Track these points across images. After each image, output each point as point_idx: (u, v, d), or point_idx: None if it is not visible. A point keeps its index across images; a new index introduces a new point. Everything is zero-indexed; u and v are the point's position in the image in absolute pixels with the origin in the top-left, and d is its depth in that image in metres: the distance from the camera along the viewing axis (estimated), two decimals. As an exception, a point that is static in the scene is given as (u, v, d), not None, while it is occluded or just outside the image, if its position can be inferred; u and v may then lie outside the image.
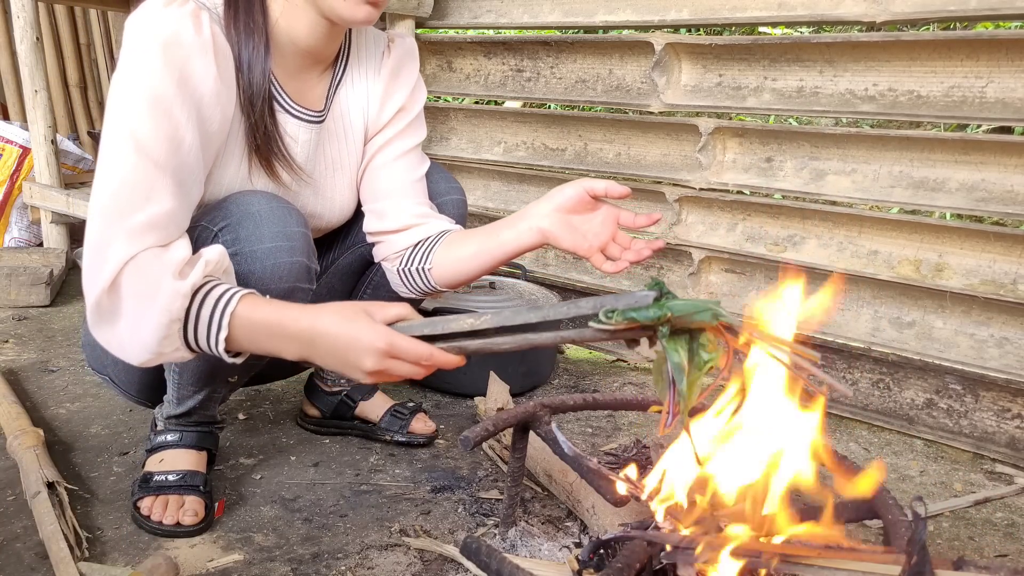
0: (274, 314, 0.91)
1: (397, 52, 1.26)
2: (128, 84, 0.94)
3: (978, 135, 1.67)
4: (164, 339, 0.91)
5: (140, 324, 0.91)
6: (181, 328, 0.91)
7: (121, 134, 0.92)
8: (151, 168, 0.92)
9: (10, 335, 1.96)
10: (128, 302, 0.91)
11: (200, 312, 0.91)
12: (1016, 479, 1.48)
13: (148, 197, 0.92)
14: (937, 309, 1.67)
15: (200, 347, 0.93)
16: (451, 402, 1.70)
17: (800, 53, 1.73)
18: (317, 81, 1.19)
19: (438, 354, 0.88)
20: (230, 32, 1.04)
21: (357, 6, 1.02)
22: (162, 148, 0.93)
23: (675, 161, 1.99)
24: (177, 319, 0.90)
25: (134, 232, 0.90)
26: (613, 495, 0.98)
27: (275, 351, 0.93)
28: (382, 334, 0.87)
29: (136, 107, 0.93)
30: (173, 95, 0.95)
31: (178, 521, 1.12)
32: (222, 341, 0.91)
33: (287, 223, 1.08)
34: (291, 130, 1.16)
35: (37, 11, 2.32)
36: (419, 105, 1.29)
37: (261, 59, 1.06)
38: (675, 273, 2.04)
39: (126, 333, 0.93)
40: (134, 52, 0.95)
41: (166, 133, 0.94)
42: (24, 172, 2.62)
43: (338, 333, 0.89)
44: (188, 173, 0.98)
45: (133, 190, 0.92)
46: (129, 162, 0.92)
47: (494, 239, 1.15)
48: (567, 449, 1.03)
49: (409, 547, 1.13)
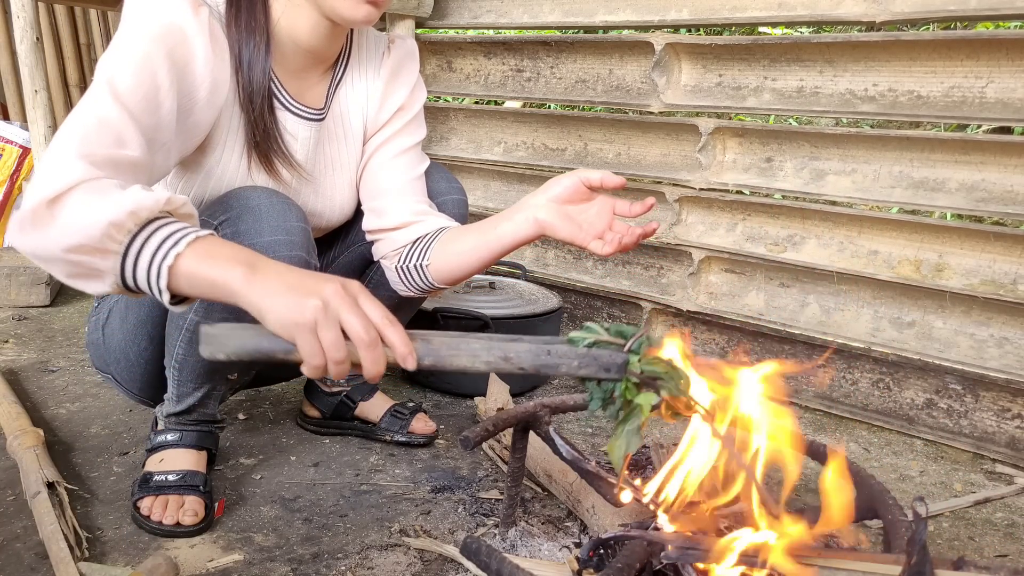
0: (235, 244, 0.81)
1: (397, 53, 1.26)
2: (119, 44, 0.95)
3: (978, 135, 1.67)
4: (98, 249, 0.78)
5: (76, 229, 0.78)
6: (123, 248, 0.78)
7: (103, 82, 0.91)
8: (126, 116, 0.90)
9: (10, 335, 1.96)
10: (68, 215, 0.79)
11: (155, 233, 0.79)
12: (1016, 479, 1.48)
13: (119, 140, 0.88)
14: (937, 309, 1.67)
15: (138, 271, 0.79)
16: (451, 402, 1.70)
17: (800, 53, 1.73)
18: (318, 80, 1.19)
19: (397, 325, 0.76)
20: (231, 30, 1.05)
21: (357, 5, 1.02)
22: (139, 103, 0.92)
23: (675, 161, 1.99)
24: (121, 230, 0.78)
25: (95, 161, 0.84)
26: (613, 496, 0.98)
27: (212, 274, 0.77)
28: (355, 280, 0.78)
29: (123, 62, 0.93)
30: (160, 62, 0.94)
31: (178, 521, 1.12)
32: (171, 257, 0.77)
33: (287, 218, 1.09)
34: (291, 127, 1.16)
35: (37, 11, 2.32)
36: (419, 104, 1.30)
37: (262, 57, 1.06)
38: (675, 273, 2.04)
39: (59, 237, 0.79)
40: (131, 19, 0.96)
41: (145, 91, 0.93)
42: (24, 172, 2.62)
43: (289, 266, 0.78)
44: (160, 137, 0.95)
45: (105, 129, 0.88)
46: (106, 105, 0.89)
47: (491, 232, 1.14)
48: (565, 452, 1.03)
49: (409, 547, 1.13)
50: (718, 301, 1.96)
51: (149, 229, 0.79)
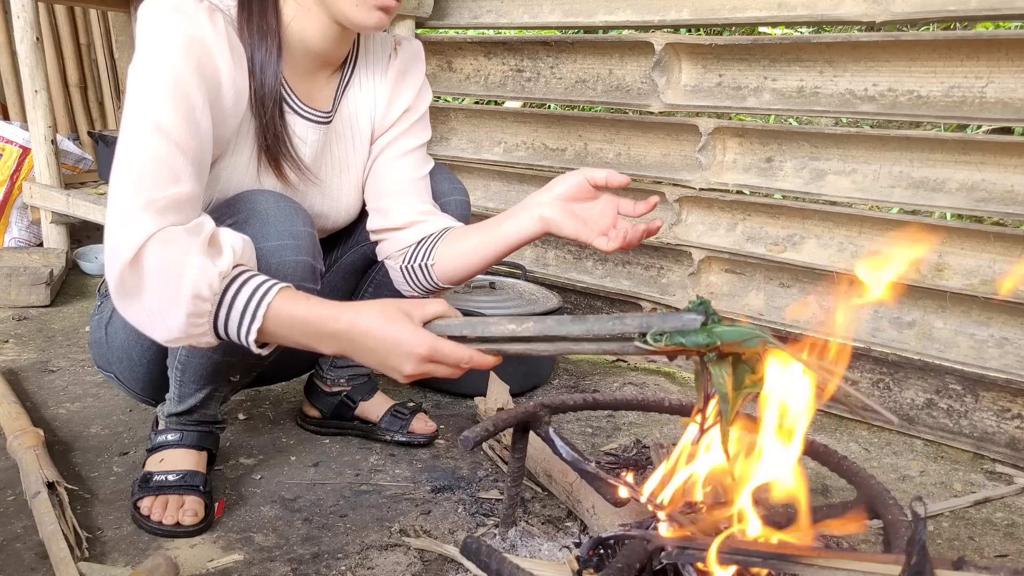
0: (311, 311, 0.90)
1: (404, 55, 1.27)
2: (148, 69, 0.95)
3: (978, 135, 1.67)
4: (192, 317, 0.88)
5: (166, 299, 0.88)
6: (212, 312, 0.89)
7: (144, 117, 0.93)
8: (174, 150, 0.93)
9: (10, 335, 1.96)
10: (152, 276, 0.89)
11: (235, 300, 0.89)
12: (1016, 479, 1.48)
13: (174, 178, 0.92)
14: (937, 309, 1.67)
15: (229, 335, 0.91)
16: (451, 402, 1.70)
17: (800, 53, 1.73)
18: (326, 83, 1.20)
19: (477, 356, 0.88)
20: (243, 34, 1.05)
21: (369, 12, 1.03)
22: (182, 130, 0.94)
23: (675, 161, 1.99)
24: (206, 299, 0.88)
25: (159, 209, 0.89)
26: (613, 496, 0.98)
27: (309, 347, 0.92)
28: (424, 339, 0.87)
29: (157, 91, 0.93)
30: (190, 79, 0.95)
31: (178, 521, 1.12)
32: (254, 332, 0.89)
33: (293, 222, 1.09)
34: (299, 131, 1.16)
35: (37, 11, 2.32)
36: (425, 106, 1.30)
37: (274, 61, 1.07)
38: (675, 273, 2.04)
39: (155, 307, 0.90)
40: (152, 35, 0.96)
41: (185, 115, 0.94)
42: (24, 172, 2.62)
43: (379, 335, 0.88)
44: (204, 156, 0.99)
45: (160, 169, 0.91)
46: (153, 142, 0.92)
47: (496, 230, 1.15)
48: (564, 454, 1.03)
49: (409, 547, 1.13)
50: (718, 301, 1.96)
51: (226, 304, 0.89)
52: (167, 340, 0.92)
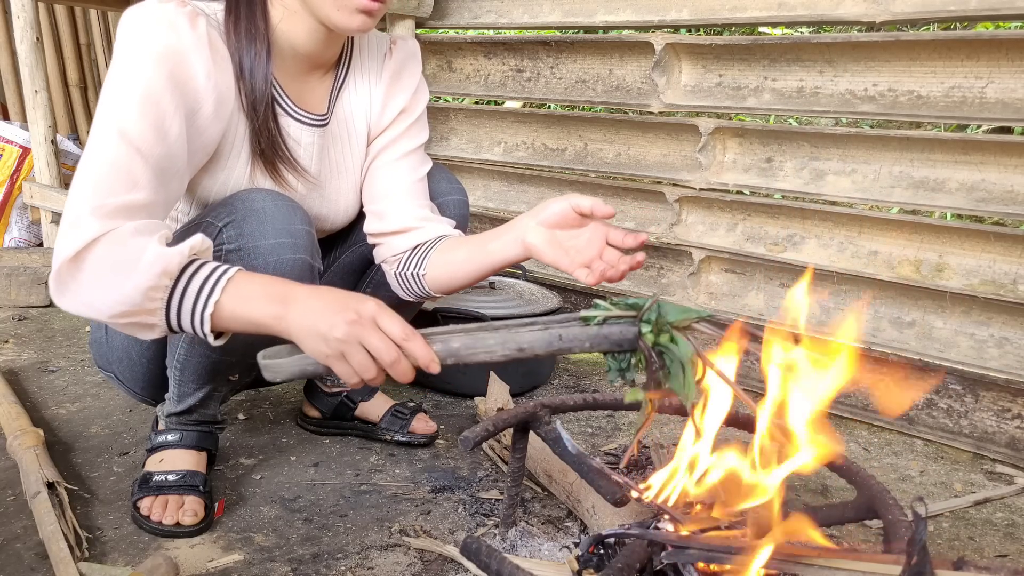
0: (262, 277, 0.91)
1: (399, 55, 1.26)
2: (119, 76, 0.95)
3: (978, 135, 1.67)
4: (149, 291, 0.86)
5: (111, 289, 0.87)
6: (166, 296, 0.87)
7: (110, 123, 0.93)
8: (135, 157, 0.92)
9: (10, 335, 1.96)
10: (94, 273, 0.87)
11: (193, 277, 0.88)
12: (1016, 479, 1.48)
13: (130, 184, 0.91)
14: (937, 309, 1.67)
15: (182, 319, 0.89)
16: (451, 402, 1.70)
17: (800, 53, 1.73)
18: (318, 84, 1.19)
19: (416, 338, 0.84)
20: (231, 38, 1.05)
21: (351, 15, 1.02)
22: (147, 138, 0.93)
23: (675, 161, 1.99)
24: (160, 286, 0.86)
25: (108, 213, 0.89)
26: (614, 495, 0.98)
27: (251, 315, 0.88)
28: (370, 297, 0.87)
29: (125, 98, 0.93)
30: (162, 87, 0.95)
31: (178, 521, 1.12)
32: (211, 305, 0.87)
33: (291, 220, 1.09)
34: (294, 133, 1.16)
35: (37, 11, 2.32)
36: (421, 106, 1.30)
37: (263, 64, 1.06)
38: (675, 273, 2.04)
39: (95, 295, 0.89)
40: (128, 43, 0.96)
41: (152, 123, 0.94)
42: (24, 172, 2.63)
43: (320, 290, 0.88)
44: (172, 164, 0.97)
45: (116, 175, 0.91)
46: (113, 149, 0.91)
47: (482, 248, 1.15)
48: (571, 447, 1.03)
49: (409, 547, 1.13)
50: (718, 301, 1.96)
51: (183, 281, 0.88)
52: (110, 317, 0.89)
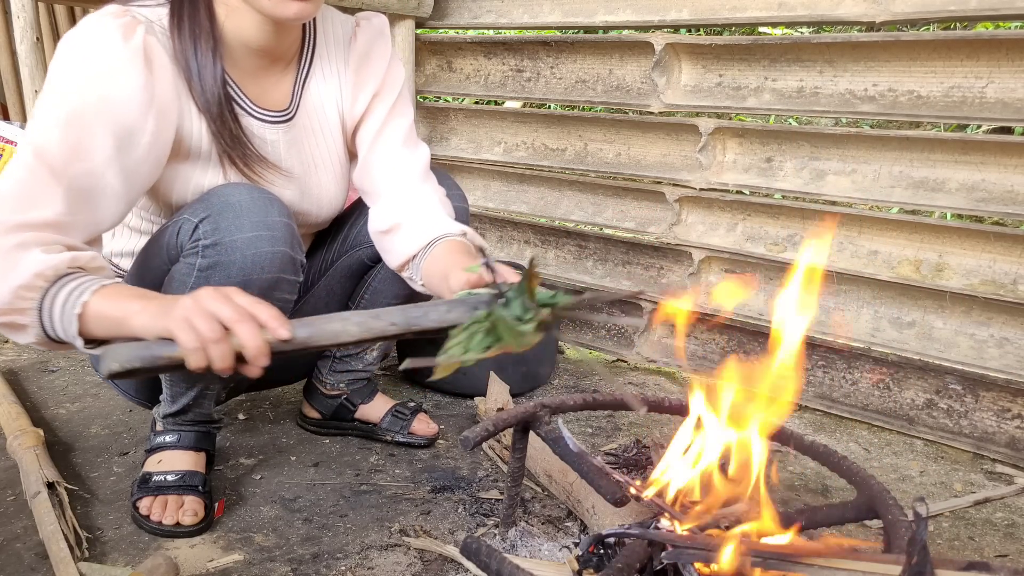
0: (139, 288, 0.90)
1: (364, 36, 1.21)
2: (48, 94, 0.95)
3: (978, 135, 1.67)
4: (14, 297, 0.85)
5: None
6: (38, 297, 0.86)
7: (29, 140, 0.93)
8: (46, 175, 0.91)
9: (10, 335, 1.96)
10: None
11: (64, 287, 0.86)
12: (1016, 479, 1.48)
13: (33, 202, 0.90)
14: (937, 309, 1.67)
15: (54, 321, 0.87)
16: (451, 402, 1.70)
17: (800, 53, 1.73)
18: (281, 78, 1.16)
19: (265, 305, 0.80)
20: (176, 41, 1.03)
21: (285, 3, 0.99)
22: (63, 156, 0.92)
23: (675, 161, 1.99)
24: (34, 287, 0.85)
25: (9, 229, 0.87)
26: (614, 495, 0.98)
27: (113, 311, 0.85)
28: None
29: (48, 117, 0.93)
30: (89, 106, 0.94)
31: (178, 521, 1.12)
32: (79, 305, 0.85)
33: (268, 213, 1.07)
34: (258, 131, 1.14)
35: (37, 11, 2.32)
36: (398, 85, 1.24)
37: (211, 63, 1.04)
38: (675, 273, 2.04)
39: None
40: (60, 64, 0.96)
41: (74, 143, 0.93)
42: (24, 172, 2.62)
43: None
44: (98, 182, 0.95)
45: (20, 193, 0.90)
46: (24, 167, 0.91)
47: (446, 279, 1.05)
48: (572, 446, 1.03)
49: (409, 547, 1.13)
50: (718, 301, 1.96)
51: (58, 285, 0.87)
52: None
